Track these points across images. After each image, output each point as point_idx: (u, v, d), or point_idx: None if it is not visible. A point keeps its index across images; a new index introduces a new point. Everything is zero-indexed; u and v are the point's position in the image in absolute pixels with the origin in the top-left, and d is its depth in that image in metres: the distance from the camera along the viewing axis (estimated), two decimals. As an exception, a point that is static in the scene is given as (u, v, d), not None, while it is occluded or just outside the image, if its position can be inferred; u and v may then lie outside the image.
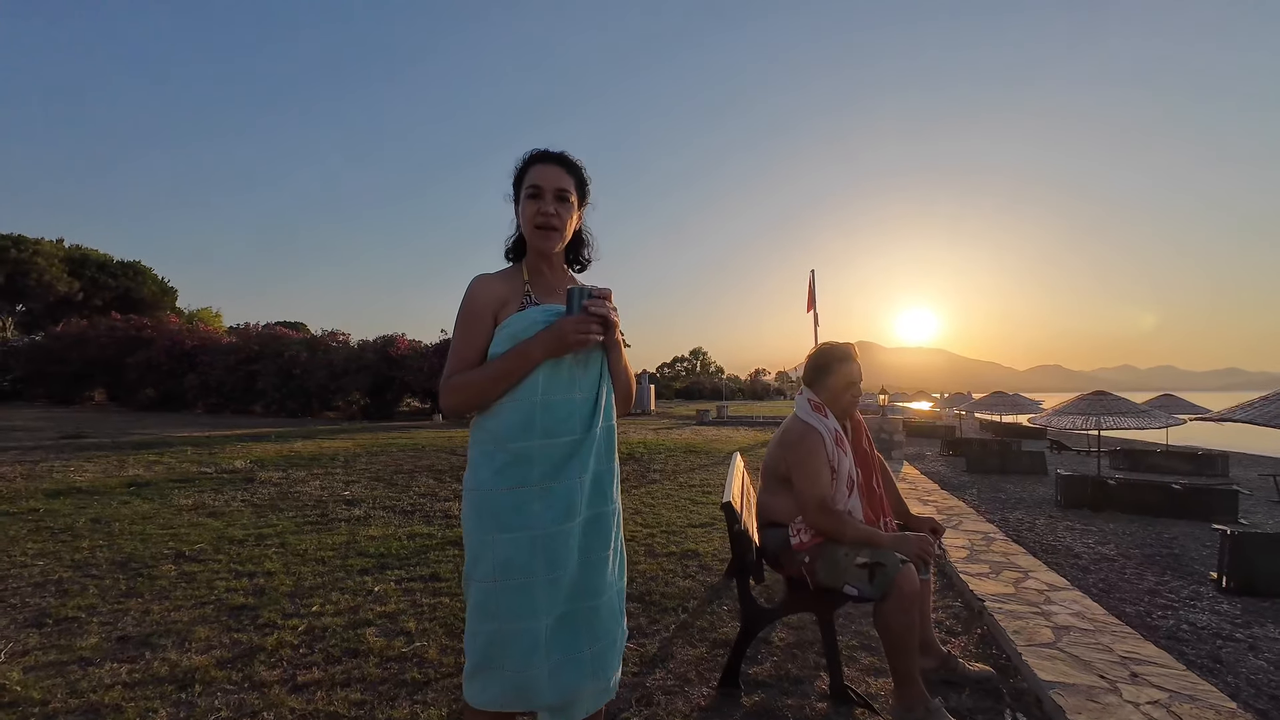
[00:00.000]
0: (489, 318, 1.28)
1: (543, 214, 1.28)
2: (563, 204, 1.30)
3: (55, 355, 18.46)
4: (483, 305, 1.28)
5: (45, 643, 2.36)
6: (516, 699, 1.18)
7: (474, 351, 1.27)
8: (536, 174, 1.30)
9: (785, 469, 2.05)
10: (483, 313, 1.28)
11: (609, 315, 1.24)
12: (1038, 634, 2.60)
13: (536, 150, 1.34)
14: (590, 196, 1.40)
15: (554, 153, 1.33)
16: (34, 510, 4.46)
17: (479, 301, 1.28)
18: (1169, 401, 13.66)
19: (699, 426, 17.49)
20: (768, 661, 2.38)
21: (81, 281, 28.96)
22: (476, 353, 1.27)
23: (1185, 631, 2.92)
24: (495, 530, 1.20)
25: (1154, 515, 5.99)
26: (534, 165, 1.32)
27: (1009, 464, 9.43)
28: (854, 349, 2.17)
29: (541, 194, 1.29)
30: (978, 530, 4.80)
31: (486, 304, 1.28)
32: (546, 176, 1.30)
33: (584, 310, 1.21)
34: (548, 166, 1.31)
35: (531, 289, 1.33)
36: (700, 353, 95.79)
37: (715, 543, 4.11)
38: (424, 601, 2.87)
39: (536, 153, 1.33)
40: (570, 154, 1.34)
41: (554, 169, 1.31)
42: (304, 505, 4.96)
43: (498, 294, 1.30)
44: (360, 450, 8.26)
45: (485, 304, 1.28)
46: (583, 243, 1.44)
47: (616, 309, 1.27)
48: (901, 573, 1.80)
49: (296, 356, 17.66)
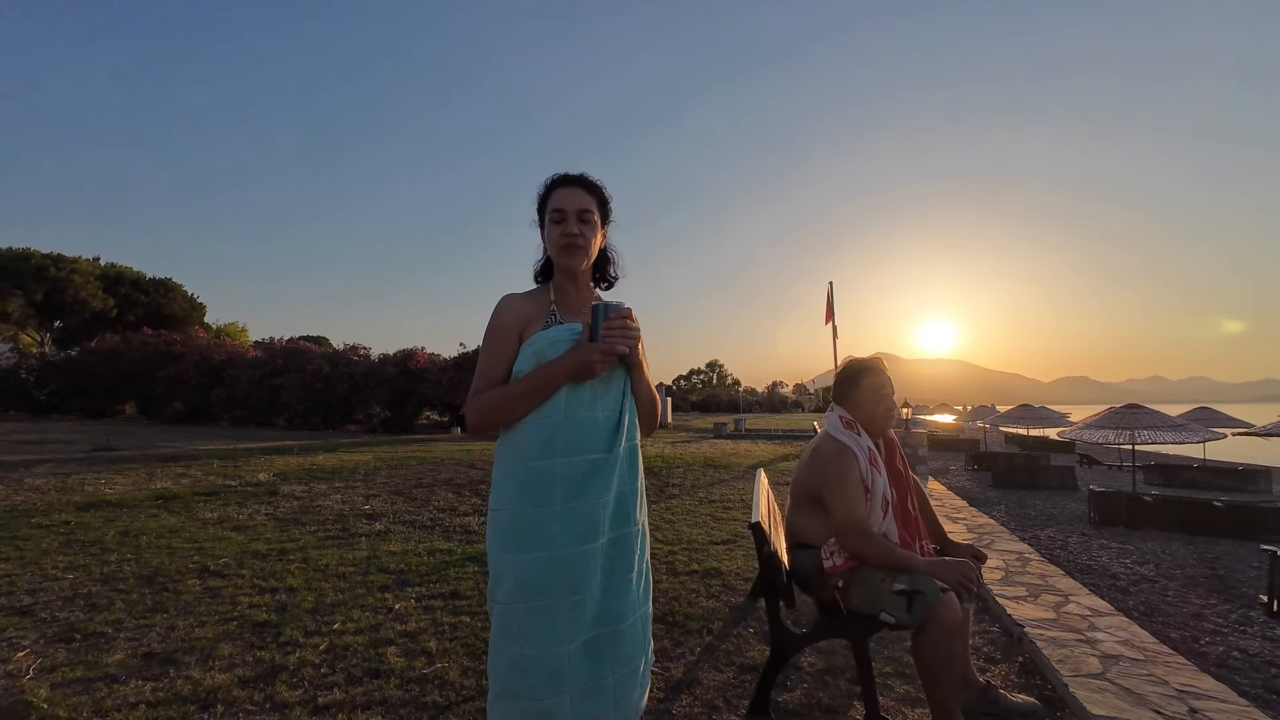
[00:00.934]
0: (515, 336, 1.30)
1: (566, 235, 1.31)
2: (586, 224, 1.33)
3: (89, 369, 19.04)
4: (509, 324, 1.30)
5: (73, 658, 2.37)
6: None
7: (500, 369, 1.29)
8: (559, 197, 1.33)
9: (817, 489, 1.98)
10: (509, 331, 1.30)
11: (629, 333, 1.25)
12: (1084, 663, 2.47)
13: (557, 175, 1.37)
14: (613, 215, 1.43)
15: (574, 175, 1.36)
16: (65, 523, 4.55)
17: (505, 320, 1.31)
18: (1205, 414, 13.20)
19: (716, 440, 17.34)
20: (798, 689, 2.29)
21: (116, 298, 29.94)
22: (502, 370, 1.29)
23: (1236, 659, 2.76)
24: (516, 550, 1.20)
25: (1194, 533, 5.74)
26: (556, 189, 1.35)
27: (1037, 479, 9.14)
28: (883, 363, 2.10)
29: (565, 216, 1.32)
30: (1011, 550, 4.63)
31: (513, 323, 1.31)
32: (568, 199, 1.33)
33: (605, 329, 1.22)
34: (569, 189, 1.34)
35: (557, 308, 1.36)
36: (717, 365, 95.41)
37: (738, 561, 4.02)
38: (444, 620, 2.84)
39: (557, 177, 1.37)
40: (590, 175, 1.37)
41: (575, 191, 1.34)
42: (325, 519, 4.98)
43: (524, 313, 1.32)
44: (380, 463, 8.32)
45: (511, 322, 1.31)
46: (608, 260, 1.47)
47: (638, 326, 1.29)
48: (942, 601, 1.72)
49: (319, 370, 17.97)
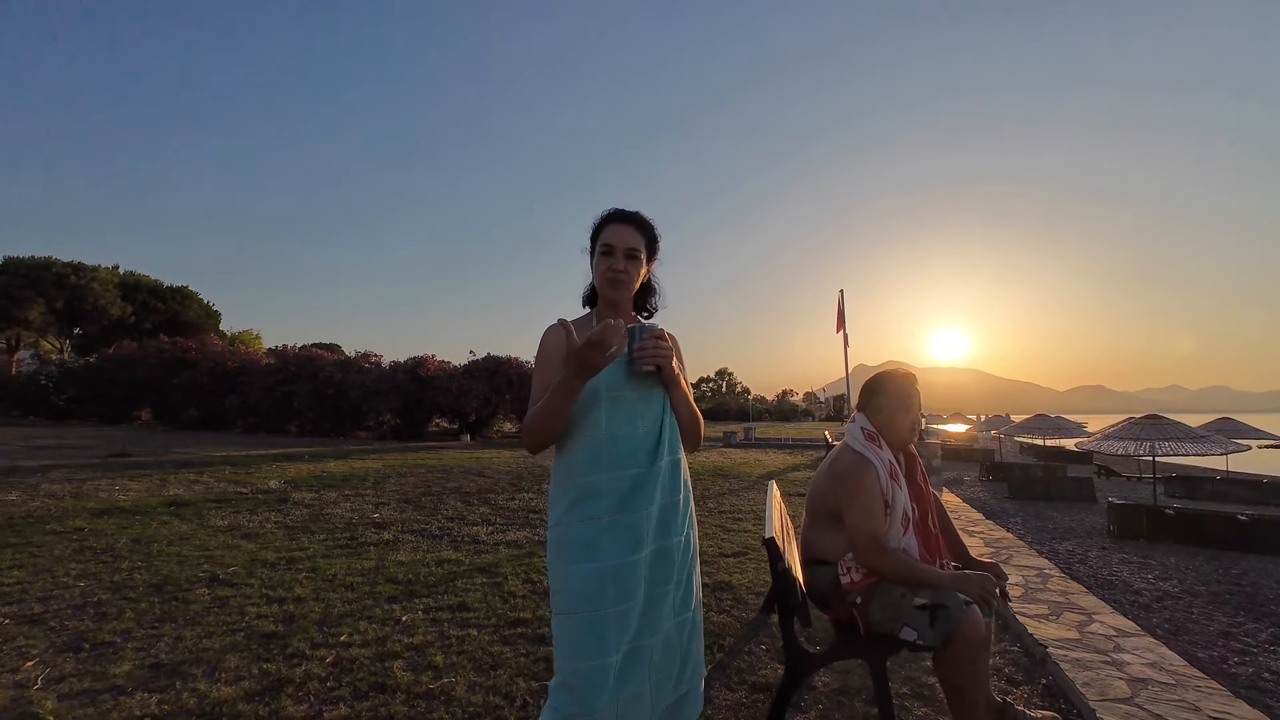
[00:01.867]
0: (560, 362, 1.36)
1: (613, 270, 1.42)
2: (632, 261, 1.43)
3: (106, 376, 19.35)
4: (555, 350, 1.37)
5: (81, 669, 2.36)
6: None
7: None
8: (611, 233, 1.43)
9: (835, 503, 1.92)
10: (555, 357, 1.37)
11: (660, 350, 1.30)
12: (1111, 687, 2.38)
13: (614, 210, 1.47)
14: (659, 252, 1.53)
15: (629, 213, 1.47)
16: (79, 530, 4.58)
17: (552, 347, 1.40)
18: (1227, 425, 12.89)
19: (726, 448, 17.23)
20: (812, 710, 2.23)
21: (133, 305, 30.49)
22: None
23: (1267, 681, 2.65)
24: (570, 563, 1.28)
25: (1218, 548, 5.57)
26: (610, 224, 1.45)
27: (1054, 490, 8.96)
28: (913, 375, 2.05)
29: (613, 252, 1.42)
30: (1031, 565, 4.51)
31: (558, 349, 1.37)
32: (619, 236, 1.42)
33: (638, 350, 1.29)
34: (622, 227, 1.44)
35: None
36: (726, 373, 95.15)
37: (749, 574, 3.96)
38: (452, 634, 2.80)
39: (614, 213, 1.47)
40: (643, 214, 1.48)
41: (627, 230, 1.44)
42: (334, 528, 4.98)
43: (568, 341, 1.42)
44: (390, 471, 8.33)
45: (557, 349, 1.37)
46: (651, 291, 1.57)
47: (671, 346, 1.35)
48: (966, 615, 1.66)
49: (331, 377, 18.13)
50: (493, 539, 4.77)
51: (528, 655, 2.57)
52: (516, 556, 4.23)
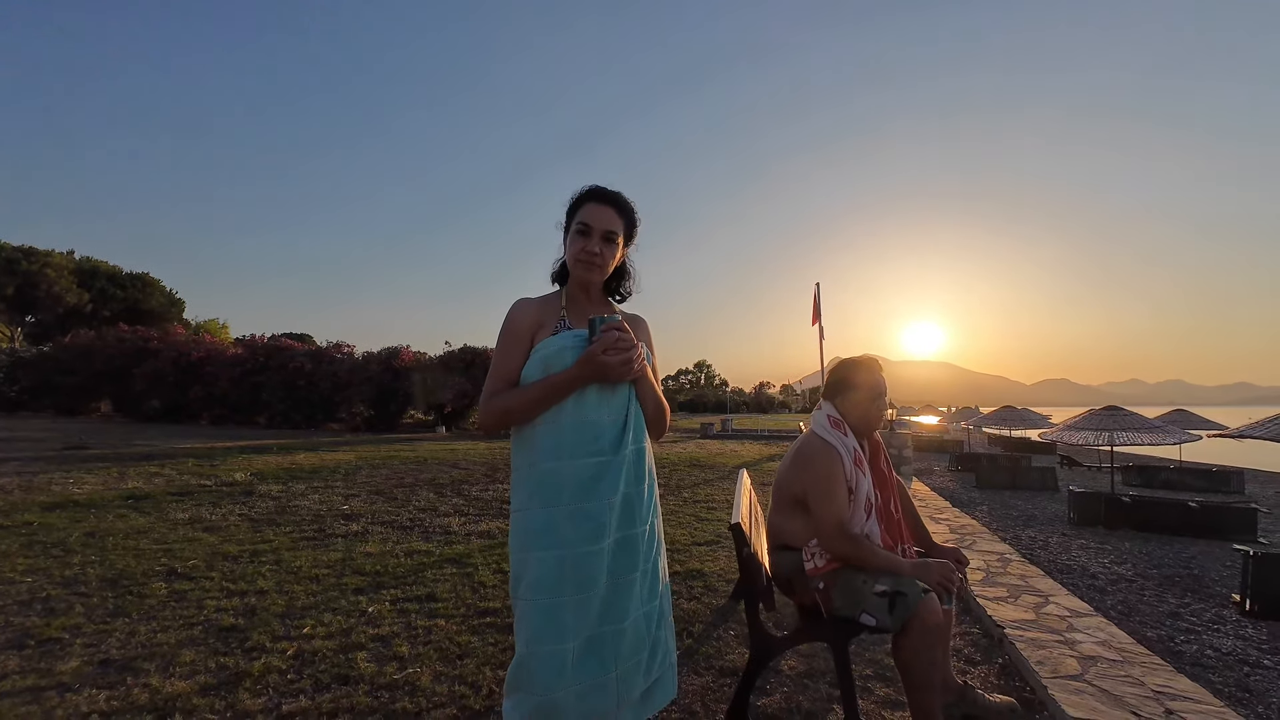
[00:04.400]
0: (527, 339, 1.35)
1: (587, 252, 1.34)
2: (609, 245, 1.36)
3: (62, 366, 18.56)
4: (522, 327, 1.35)
5: (25, 666, 2.26)
6: None
7: (513, 371, 1.34)
8: (589, 213, 1.35)
9: (800, 489, 1.94)
10: (522, 334, 1.35)
11: (621, 346, 1.25)
12: (1063, 664, 2.47)
13: (594, 188, 1.38)
14: (637, 237, 1.45)
15: (610, 193, 1.38)
16: (28, 524, 4.39)
17: (518, 323, 1.35)
18: (1181, 417, 13.44)
19: (703, 440, 17.35)
20: (777, 692, 2.26)
21: (91, 293, 29.25)
22: (515, 372, 1.34)
23: (1210, 658, 2.79)
24: (531, 548, 1.25)
25: (1170, 534, 5.82)
26: (588, 203, 1.36)
27: (1019, 480, 9.25)
28: (879, 363, 2.06)
29: (590, 233, 1.34)
30: (992, 551, 4.65)
31: (526, 326, 1.35)
32: (598, 217, 1.35)
33: (597, 344, 1.24)
34: (602, 207, 1.36)
35: (568, 315, 1.40)
36: (704, 365, 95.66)
37: (720, 562, 3.99)
38: (418, 624, 2.77)
39: (593, 190, 1.38)
40: (624, 196, 1.39)
41: (607, 211, 1.36)
42: (301, 520, 4.87)
43: (536, 317, 1.37)
44: (361, 462, 8.19)
45: (524, 326, 1.35)
46: (625, 276, 1.49)
47: (632, 337, 1.29)
48: (923, 603, 1.69)
49: (301, 368, 17.69)
50: (464, 529, 4.72)
51: (495, 645, 2.55)
52: (488, 547, 4.19)
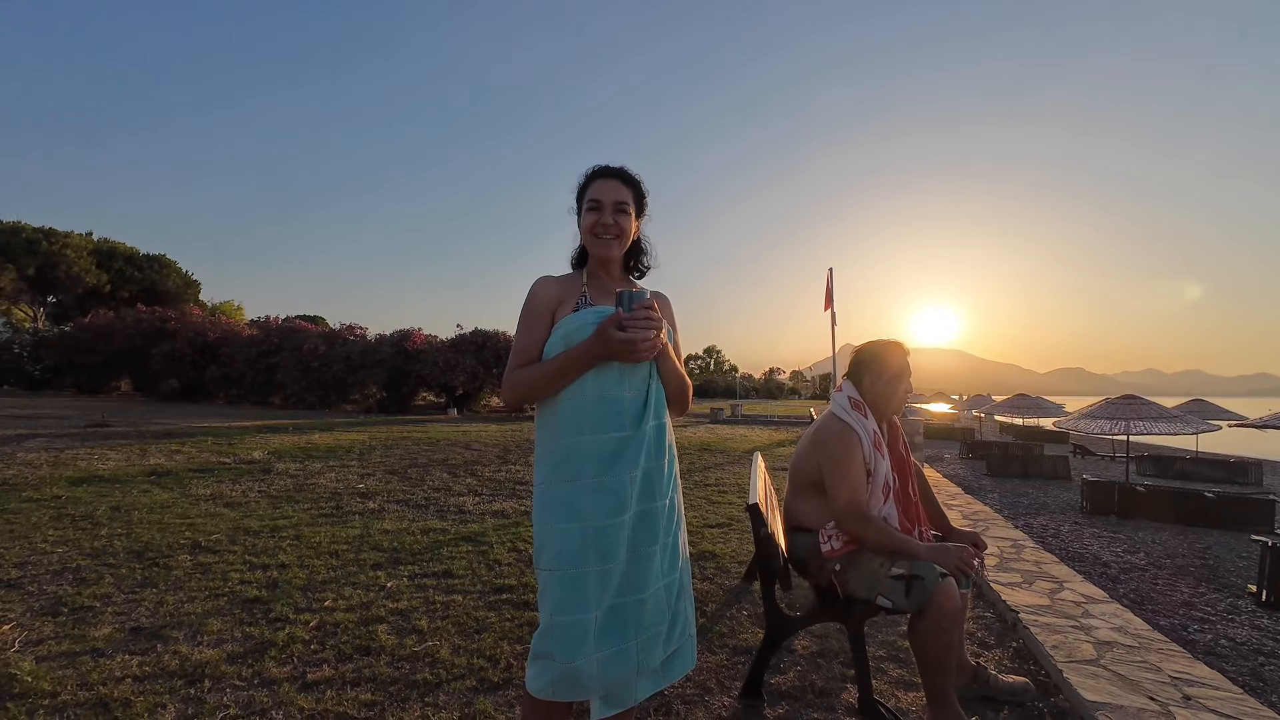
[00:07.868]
0: (548, 316, 1.37)
1: (601, 224, 1.37)
2: (621, 215, 1.38)
3: (83, 345, 18.89)
4: (543, 304, 1.37)
5: (59, 632, 2.34)
6: (568, 688, 1.24)
7: (535, 348, 1.36)
8: (597, 188, 1.38)
9: (817, 471, 1.94)
10: (543, 311, 1.37)
11: (651, 323, 1.25)
12: (1078, 649, 2.47)
13: (598, 166, 1.42)
14: (649, 208, 1.48)
15: (614, 168, 1.42)
16: (57, 497, 4.52)
17: (540, 300, 1.38)
18: (1200, 407, 13.24)
19: (713, 425, 17.38)
20: (791, 671, 2.28)
21: (109, 274, 29.65)
22: (537, 349, 1.36)
23: (1224, 647, 2.77)
24: (554, 521, 1.28)
25: (1185, 524, 5.76)
26: (595, 180, 1.40)
27: (1031, 468, 9.19)
28: (905, 346, 2.04)
29: (601, 207, 1.37)
30: (1006, 537, 4.63)
31: (546, 303, 1.38)
32: (606, 191, 1.38)
33: (628, 320, 1.22)
34: (608, 181, 1.39)
35: (589, 291, 1.41)
36: (714, 351, 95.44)
37: (732, 544, 4.02)
38: (436, 599, 2.82)
39: (598, 169, 1.42)
40: (629, 169, 1.42)
41: (613, 183, 1.39)
42: (319, 497, 4.96)
43: (557, 294, 1.39)
44: (375, 443, 8.29)
45: (545, 303, 1.37)
46: (641, 250, 1.52)
47: (660, 316, 1.28)
48: (940, 587, 1.69)
49: (315, 349, 17.87)
50: (479, 509, 4.79)
51: (512, 620, 2.60)
52: (503, 526, 4.25)
